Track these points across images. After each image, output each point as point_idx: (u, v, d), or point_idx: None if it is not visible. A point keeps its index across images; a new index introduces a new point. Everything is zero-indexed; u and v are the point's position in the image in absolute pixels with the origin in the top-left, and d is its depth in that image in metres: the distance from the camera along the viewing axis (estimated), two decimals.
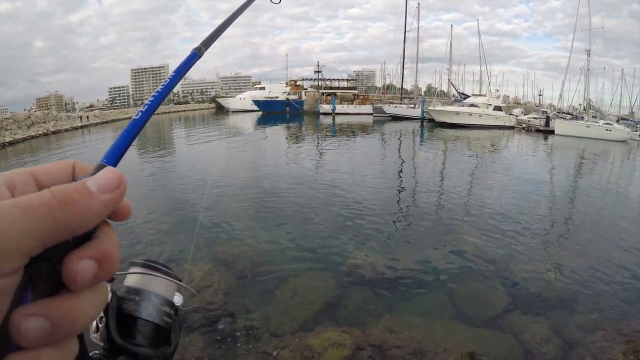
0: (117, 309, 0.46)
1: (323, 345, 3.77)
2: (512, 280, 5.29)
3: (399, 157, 17.89)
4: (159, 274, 0.51)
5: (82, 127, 38.61)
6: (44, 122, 34.66)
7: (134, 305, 0.48)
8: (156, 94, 0.46)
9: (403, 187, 11.17)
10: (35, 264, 0.27)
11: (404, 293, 4.95)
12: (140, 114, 0.42)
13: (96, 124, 43.08)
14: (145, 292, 0.49)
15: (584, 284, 5.24)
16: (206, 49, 0.60)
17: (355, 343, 3.82)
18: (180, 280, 0.53)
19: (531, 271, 5.56)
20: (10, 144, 24.77)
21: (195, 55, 0.57)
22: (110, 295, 0.45)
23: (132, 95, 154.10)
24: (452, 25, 52.45)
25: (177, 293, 0.53)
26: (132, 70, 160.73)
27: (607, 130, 29.57)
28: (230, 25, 0.77)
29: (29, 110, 57.37)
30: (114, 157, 0.36)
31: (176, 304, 0.52)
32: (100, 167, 0.32)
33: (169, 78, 0.49)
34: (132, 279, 0.51)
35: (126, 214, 0.33)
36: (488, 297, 4.88)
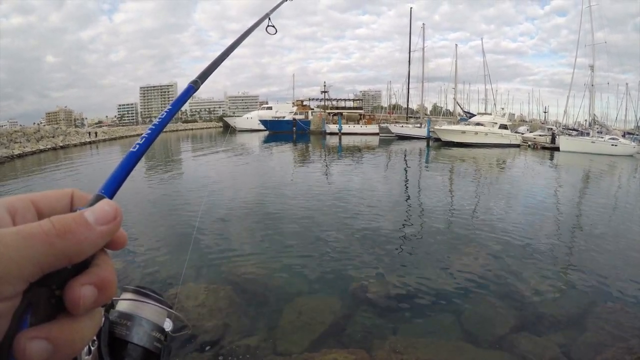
0: (109, 333, 0.47)
1: None
2: (519, 299, 5.20)
3: (406, 176, 17.85)
4: (150, 301, 0.53)
5: (90, 142, 39.20)
6: (53, 137, 35.22)
7: (125, 329, 0.49)
8: (153, 127, 0.47)
9: (410, 207, 11.11)
10: (35, 289, 0.28)
11: (410, 314, 4.88)
12: (137, 146, 0.43)
13: (104, 140, 43.65)
14: (136, 318, 0.50)
15: (592, 302, 5.14)
16: (202, 82, 0.62)
17: None
18: (171, 307, 0.55)
19: (539, 290, 5.46)
20: (19, 156, 25.21)
21: (192, 89, 0.60)
22: (103, 319, 0.46)
23: (141, 112, 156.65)
24: (456, 45, 53.24)
25: (167, 319, 0.55)
26: (141, 88, 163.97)
27: (612, 145, 29.47)
28: (234, 50, 0.82)
29: (38, 124, 58.28)
30: (111, 188, 0.37)
31: (166, 330, 0.53)
32: (98, 198, 0.34)
33: (165, 111, 0.50)
34: (124, 304, 0.52)
35: (122, 244, 0.34)
36: (495, 317, 4.79)
